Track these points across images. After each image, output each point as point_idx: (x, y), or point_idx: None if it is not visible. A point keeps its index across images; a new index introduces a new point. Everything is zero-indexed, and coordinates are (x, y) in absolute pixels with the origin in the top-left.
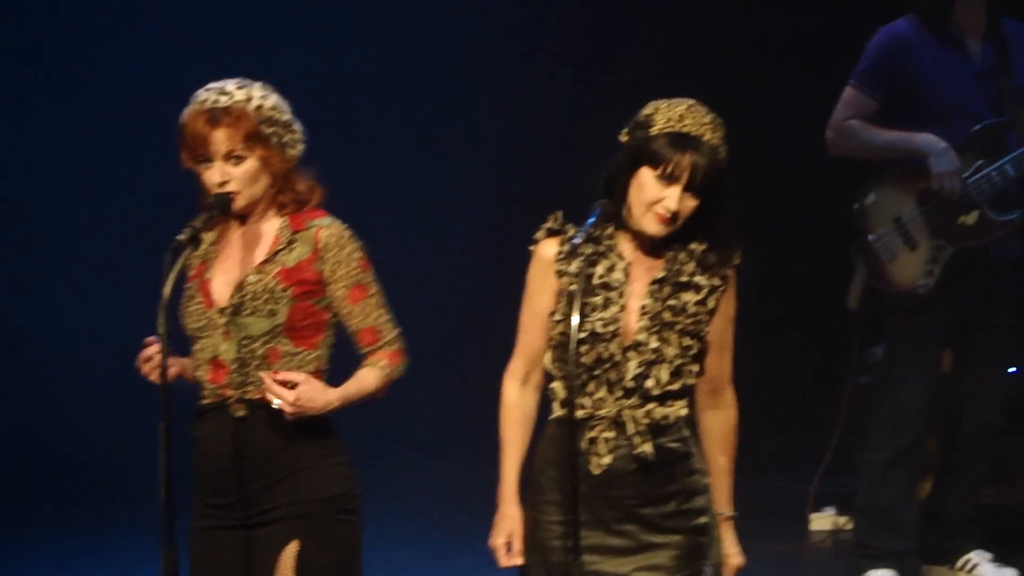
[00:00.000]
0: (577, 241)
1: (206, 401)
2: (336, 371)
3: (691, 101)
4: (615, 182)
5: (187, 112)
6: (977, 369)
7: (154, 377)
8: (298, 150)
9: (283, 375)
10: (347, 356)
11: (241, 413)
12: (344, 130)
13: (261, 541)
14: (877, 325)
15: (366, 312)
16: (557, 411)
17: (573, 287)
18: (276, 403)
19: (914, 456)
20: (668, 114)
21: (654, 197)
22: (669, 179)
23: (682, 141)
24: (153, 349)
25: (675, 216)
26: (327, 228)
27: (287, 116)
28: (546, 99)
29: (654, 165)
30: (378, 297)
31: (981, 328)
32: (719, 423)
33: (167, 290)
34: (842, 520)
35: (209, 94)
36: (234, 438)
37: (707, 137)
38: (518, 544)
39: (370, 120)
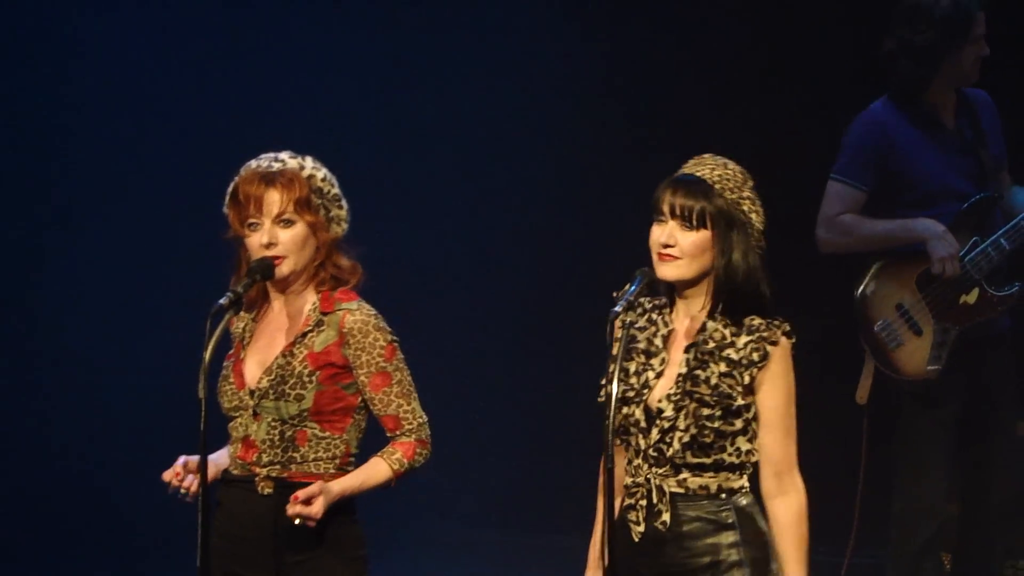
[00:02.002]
0: (617, 310)
1: (235, 472)
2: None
3: (712, 155)
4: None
5: (240, 175)
6: (991, 445)
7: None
8: (343, 228)
9: (302, 494)
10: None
11: (268, 491)
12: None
13: None
14: (888, 419)
15: (387, 401)
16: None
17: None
18: (298, 521)
19: (940, 540)
20: (682, 168)
21: (653, 240)
22: (661, 219)
23: (671, 181)
24: (179, 468)
25: (672, 250)
26: (353, 314)
27: (336, 191)
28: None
29: (653, 212)
30: (401, 386)
31: (990, 403)
32: (783, 510)
33: (207, 354)
34: None
35: (262, 160)
36: (260, 514)
37: (701, 173)
38: None
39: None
